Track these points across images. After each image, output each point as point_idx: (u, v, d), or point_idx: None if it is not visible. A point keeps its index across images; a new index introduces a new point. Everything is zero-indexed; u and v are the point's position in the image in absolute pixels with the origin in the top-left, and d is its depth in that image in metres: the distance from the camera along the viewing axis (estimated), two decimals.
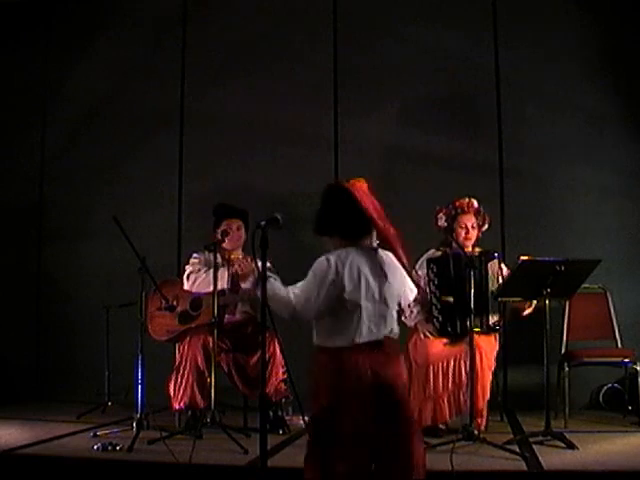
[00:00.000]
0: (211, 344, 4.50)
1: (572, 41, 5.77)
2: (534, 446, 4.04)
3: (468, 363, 4.20)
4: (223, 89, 6.14)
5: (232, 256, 4.80)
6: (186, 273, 4.76)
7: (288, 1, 6.16)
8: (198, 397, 4.56)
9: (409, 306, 4.72)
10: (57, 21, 6.48)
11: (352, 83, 6.01)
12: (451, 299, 4.42)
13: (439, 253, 4.68)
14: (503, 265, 4.58)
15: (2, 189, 6.33)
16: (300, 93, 6.03)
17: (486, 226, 4.74)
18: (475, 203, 4.69)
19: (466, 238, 4.64)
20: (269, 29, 6.12)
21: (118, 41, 6.33)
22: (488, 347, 4.48)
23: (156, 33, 6.31)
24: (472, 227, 4.66)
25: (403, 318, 4.76)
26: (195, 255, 4.85)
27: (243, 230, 4.83)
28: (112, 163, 6.22)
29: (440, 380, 4.44)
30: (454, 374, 4.44)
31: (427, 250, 4.78)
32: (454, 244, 4.60)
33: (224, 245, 4.74)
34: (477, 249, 4.70)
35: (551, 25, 5.80)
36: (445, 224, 4.67)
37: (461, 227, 4.65)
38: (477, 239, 4.73)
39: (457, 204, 4.69)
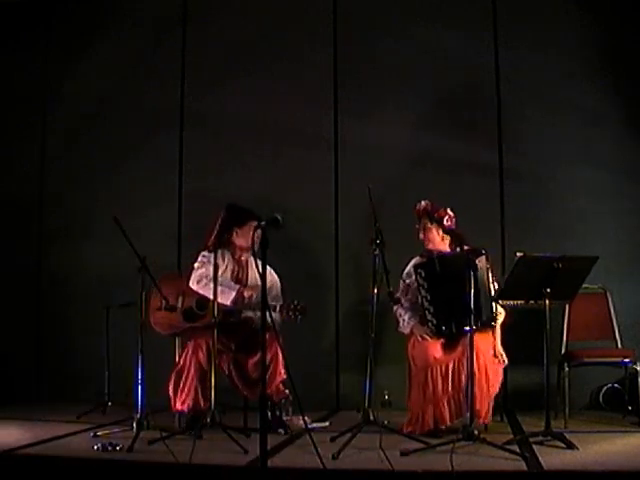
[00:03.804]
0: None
1: (572, 41, 5.77)
2: (534, 446, 4.03)
3: (467, 364, 4.19)
4: (223, 89, 6.14)
5: (242, 258, 4.86)
6: (197, 273, 4.73)
7: (288, 1, 6.16)
8: (201, 399, 4.57)
9: (400, 315, 4.74)
10: (57, 21, 6.48)
11: (352, 83, 6.01)
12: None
13: (424, 259, 4.68)
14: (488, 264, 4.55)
15: (2, 189, 6.33)
16: (300, 93, 6.04)
17: (447, 221, 4.64)
18: (422, 205, 4.71)
19: (427, 241, 4.68)
20: (269, 29, 6.12)
21: (118, 41, 6.34)
22: (485, 346, 4.45)
23: (156, 33, 6.32)
24: (427, 228, 4.68)
25: (398, 328, 4.77)
26: (204, 254, 4.79)
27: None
28: (112, 163, 6.22)
29: (440, 384, 4.42)
30: (453, 377, 4.41)
31: (410, 259, 4.81)
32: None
33: (238, 243, 4.84)
34: (466, 247, 4.62)
35: (551, 25, 5.81)
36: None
37: (420, 231, 4.71)
38: (452, 238, 4.65)
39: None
